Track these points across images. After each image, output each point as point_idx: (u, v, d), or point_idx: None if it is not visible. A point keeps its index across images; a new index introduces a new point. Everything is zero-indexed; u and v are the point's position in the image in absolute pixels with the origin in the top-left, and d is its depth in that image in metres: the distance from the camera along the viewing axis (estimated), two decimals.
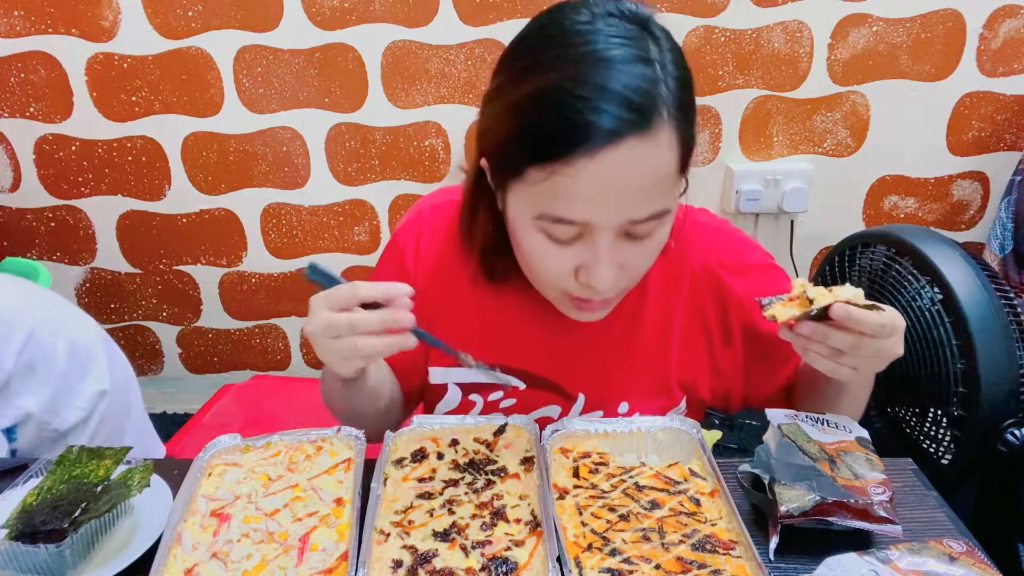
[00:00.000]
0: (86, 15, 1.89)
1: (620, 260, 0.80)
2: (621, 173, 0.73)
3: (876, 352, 0.79)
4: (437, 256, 1.00)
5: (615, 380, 0.99)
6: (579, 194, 0.75)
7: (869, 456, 0.85)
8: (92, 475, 0.83)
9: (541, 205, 0.77)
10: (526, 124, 0.76)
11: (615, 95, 0.71)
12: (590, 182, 0.73)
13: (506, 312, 0.99)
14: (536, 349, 0.99)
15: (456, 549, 0.75)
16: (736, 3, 1.83)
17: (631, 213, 0.77)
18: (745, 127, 1.95)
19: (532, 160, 0.75)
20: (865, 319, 0.76)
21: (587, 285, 0.81)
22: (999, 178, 1.94)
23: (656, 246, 0.83)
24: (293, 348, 2.29)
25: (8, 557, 0.74)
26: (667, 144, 0.75)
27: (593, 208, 0.76)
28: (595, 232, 0.78)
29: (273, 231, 2.12)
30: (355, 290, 0.79)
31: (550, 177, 0.75)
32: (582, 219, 0.77)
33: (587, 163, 0.73)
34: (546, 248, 0.81)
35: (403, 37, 1.88)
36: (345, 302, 0.79)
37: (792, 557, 0.77)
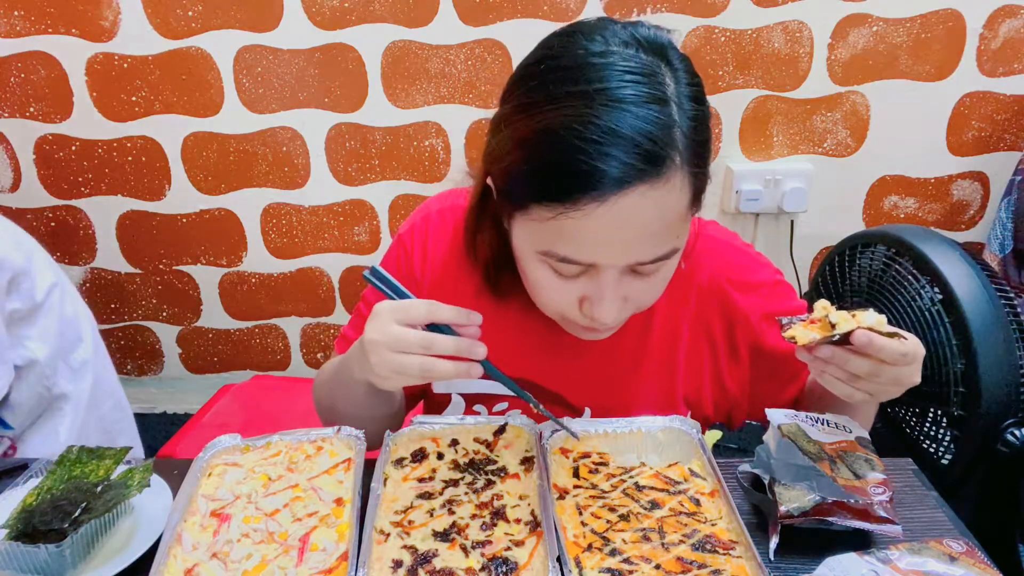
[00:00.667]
0: (86, 15, 1.89)
1: (625, 293, 0.80)
2: (629, 219, 0.72)
3: (895, 380, 0.78)
4: (443, 264, 0.99)
5: (621, 394, 0.99)
6: (586, 237, 0.74)
7: (869, 456, 0.85)
8: (92, 475, 0.83)
9: (546, 242, 0.76)
10: (533, 162, 0.74)
11: (626, 140, 0.69)
12: (597, 227, 0.72)
13: (512, 325, 0.98)
14: (542, 363, 0.98)
15: (456, 549, 0.75)
16: (736, 3, 1.82)
17: (638, 256, 0.76)
18: (745, 127, 1.95)
19: (538, 198, 0.74)
20: (887, 347, 0.74)
21: (590, 317, 0.81)
22: (999, 178, 1.94)
23: (663, 280, 0.82)
24: (293, 348, 2.29)
25: (8, 557, 0.74)
26: (678, 188, 0.73)
27: (599, 251, 0.75)
28: (600, 270, 0.77)
29: (273, 231, 2.12)
30: (432, 309, 0.78)
31: (556, 217, 0.73)
32: (588, 260, 0.76)
33: (595, 208, 0.71)
34: (550, 280, 0.80)
35: (403, 37, 1.88)
36: (419, 319, 0.78)
37: (792, 557, 0.77)
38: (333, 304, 2.21)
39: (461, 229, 0.97)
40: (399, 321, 0.78)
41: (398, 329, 0.77)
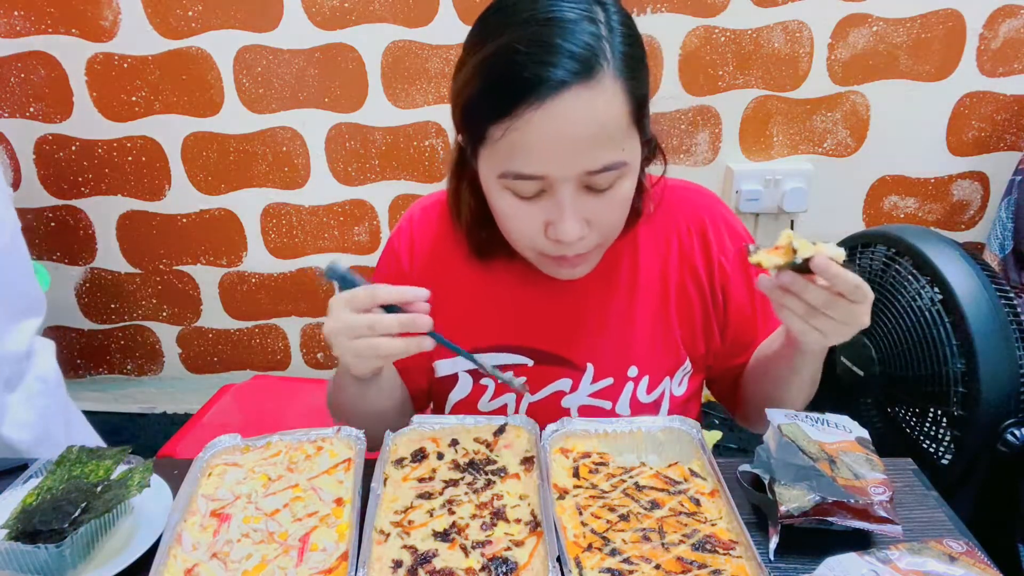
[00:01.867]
0: (86, 15, 1.89)
1: (584, 213, 0.84)
2: (568, 122, 0.77)
3: (847, 315, 0.81)
4: (431, 249, 1.04)
5: (621, 346, 1.01)
6: (532, 147, 0.79)
7: (869, 456, 0.85)
8: (92, 475, 0.83)
9: (502, 163, 0.82)
10: (481, 85, 0.81)
11: (559, 49, 0.76)
12: (540, 133, 0.78)
13: (505, 293, 1.01)
14: (539, 325, 1.01)
15: (456, 549, 0.75)
16: (736, 3, 1.82)
17: (584, 164, 0.80)
18: (745, 127, 1.95)
19: (489, 119, 0.80)
20: (842, 275, 0.78)
21: (555, 240, 0.85)
22: (999, 178, 1.94)
23: (621, 200, 0.86)
24: (293, 348, 2.29)
25: (8, 557, 0.74)
26: (612, 93, 0.79)
27: (547, 160, 0.79)
28: (555, 186, 0.81)
29: (273, 231, 2.12)
30: (374, 292, 0.82)
31: (506, 134, 0.79)
32: (538, 172, 0.80)
33: (535, 114, 0.77)
34: (514, 207, 0.85)
35: (403, 37, 1.88)
36: (365, 304, 0.82)
37: (792, 557, 0.77)
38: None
39: (445, 216, 1.03)
40: (350, 309, 0.82)
41: (347, 316, 0.82)
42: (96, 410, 2.33)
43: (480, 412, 1.03)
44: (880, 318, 1.48)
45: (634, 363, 1.01)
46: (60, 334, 2.28)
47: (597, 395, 1.01)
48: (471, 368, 1.02)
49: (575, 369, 1.01)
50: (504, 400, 1.03)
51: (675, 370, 1.02)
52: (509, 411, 1.02)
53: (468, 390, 1.03)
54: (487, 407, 1.03)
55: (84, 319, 2.27)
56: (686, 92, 1.91)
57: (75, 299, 2.24)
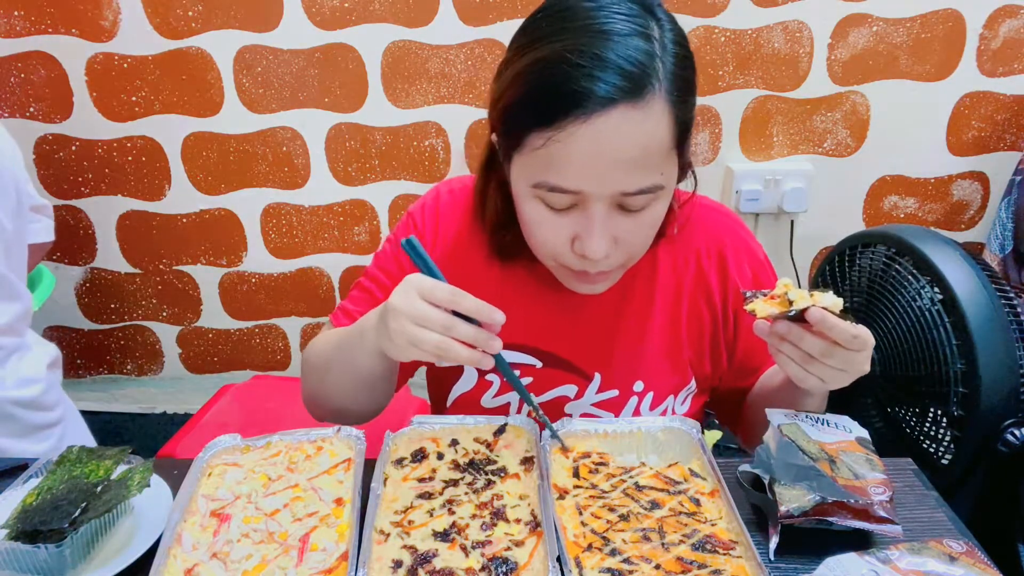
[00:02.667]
0: (86, 15, 1.89)
1: (614, 232, 0.83)
2: (612, 141, 0.76)
3: (845, 363, 0.80)
4: (455, 238, 1.03)
5: (630, 359, 1.01)
6: (572, 161, 0.77)
7: (869, 456, 0.85)
8: (92, 475, 0.83)
9: (538, 173, 0.80)
10: (526, 91, 0.79)
11: (610, 64, 0.75)
12: (582, 149, 0.76)
13: (522, 293, 1.01)
14: (552, 329, 1.01)
15: (456, 549, 0.75)
16: (736, 3, 1.82)
17: (622, 185, 0.79)
18: (745, 127, 1.95)
19: (531, 126, 0.78)
20: (838, 326, 0.77)
21: (581, 255, 0.84)
22: (999, 178, 1.94)
23: (652, 222, 0.85)
24: (293, 348, 2.29)
25: (8, 557, 0.74)
26: (659, 116, 0.77)
27: (585, 176, 0.78)
28: (589, 202, 0.80)
29: (273, 231, 2.12)
30: (455, 297, 0.79)
31: (546, 144, 0.78)
32: (575, 187, 0.79)
33: (579, 128, 0.75)
34: (543, 217, 0.84)
35: (403, 37, 1.88)
36: (442, 302, 0.79)
37: (792, 557, 0.77)
38: (333, 304, 2.21)
39: (471, 208, 1.02)
40: (425, 298, 0.80)
41: (422, 304, 0.79)
42: (96, 410, 2.33)
43: (482, 408, 1.03)
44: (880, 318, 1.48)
45: (641, 378, 1.00)
46: (60, 334, 2.28)
47: (600, 405, 1.02)
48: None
49: (582, 377, 1.01)
50: (507, 399, 1.03)
51: (680, 389, 1.02)
52: (512, 410, 1.03)
53: (472, 384, 1.03)
54: (490, 403, 1.03)
55: (84, 319, 2.27)
56: None
57: (75, 299, 2.24)
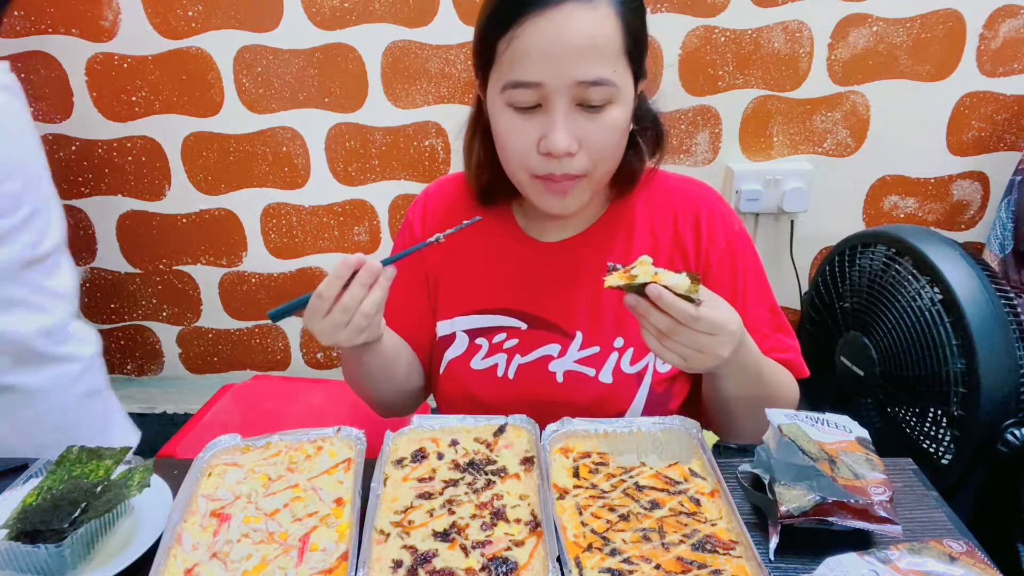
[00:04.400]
0: (86, 15, 1.89)
1: (576, 131, 0.90)
2: (565, 29, 0.86)
3: (694, 343, 0.83)
4: (441, 218, 1.13)
5: (610, 317, 1.05)
6: (531, 53, 0.87)
7: (869, 456, 0.85)
8: (92, 475, 0.83)
9: (505, 75, 0.90)
10: (492, 6, 0.91)
11: None
12: (538, 39, 0.86)
13: (506, 259, 1.09)
14: (535, 292, 1.07)
15: (456, 549, 0.75)
16: (736, 3, 1.82)
17: (575, 73, 0.87)
18: (745, 127, 1.95)
19: (498, 33, 0.89)
20: (674, 304, 0.81)
21: (547, 153, 0.91)
22: (999, 178, 1.94)
23: (611, 126, 0.92)
24: (293, 348, 2.29)
25: (8, 557, 0.74)
26: (607, 16, 0.87)
27: (544, 66, 0.87)
28: (550, 98, 0.89)
29: (273, 231, 2.12)
30: (319, 297, 0.87)
31: (509, 46, 0.88)
32: (535, 79, 0.88)
33: (535, 21, 0.86)
34: (512, 122, 0.92)
35: (403, 37, 1.88)
36: (323, 309, 0.87)
37: (792, 557, 0.77)
38: None
39: (456, 189, 1.14)
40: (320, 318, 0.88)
41: (323, 323, 0.88)
42: None
43: (472, 370, 1.08)
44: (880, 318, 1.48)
45: (621, 334, 1.05)
46: None
47: (582, 362, 1.05)
48: (468, 328, 1.09)
49: (565, 336, 1.06)
50: (495, 360, 1.08)
51: None
52: (499, 371, 1.07)
53: (463, 348, 1.09)
54: (479, 365, 1.08)
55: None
56: (686, 92, 1.91)
57: None
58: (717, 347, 0.84)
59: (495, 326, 1.09)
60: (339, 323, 0.87)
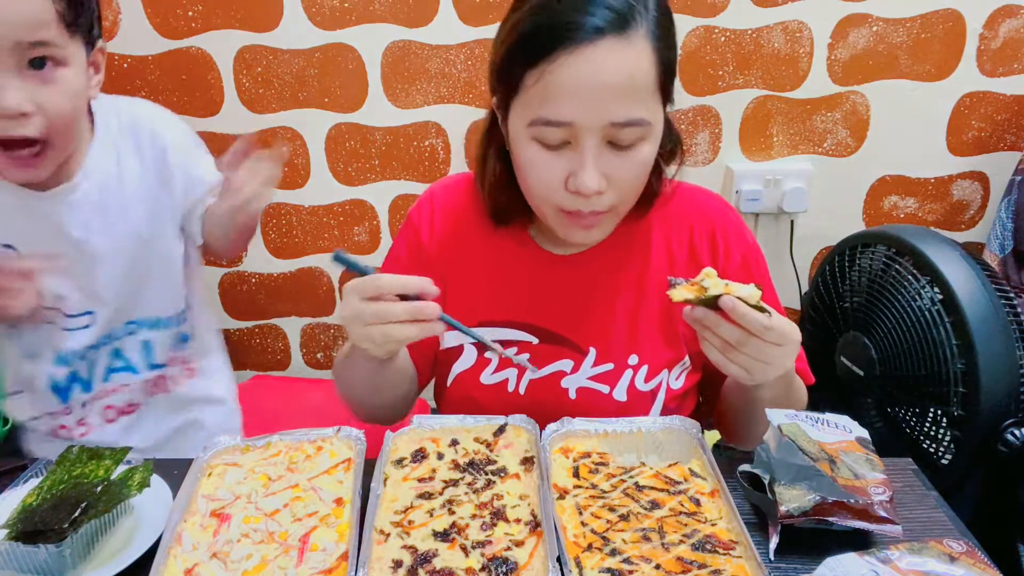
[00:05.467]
0: None
1: (606, 169, 0.87)
2: (600, 69, 0.82)
3: (762, 354, 0.82)
4: (451, 226, 1.08)
5: (624, 333, 1.03)
6: (564, 91, 0.83)
7: (869, 456, 0.85)
8: (92, 475, 0.83)
9: (534, 110, 0.85)
10: (520, 34, 0.86)
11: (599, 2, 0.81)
12: (573, 78, 0.82)
13: (518, 271, 1.05)
14: (548, 306, 1.04)
15: (456, 549, 0.75)
16: (736, 3, 1.82)
17: (611, 114, 0.83)
18: (745, 127, 1.95)
19: (526, 66, 0.84)
20: (748, 315, 0.79)
21: (575, 191, 0.88)
22: (999, 178, 1.94)
23: (641, 162, 0.89)
24: (293, 348, 2.29)
25: (8, 557, 0.74)
26: (643, 52, 0.83)
27: (576, 106, 0.83)
28: (580, 137, 0.85)
29: (273, 231, 2.12)
30: (377, 282, 0.85)
31: (540, 80, 0.83)
32: (567, 118, 0.84)
33: (568, 59, 0.81)
34: (539, 157, 0.88)
35: (403, 37, 1.88)
36: (371, 292, 0.85)
37: (792, 557, 0.77)
38: (333, 304, 2.21)
39: (465, 196, 1.08)
40: (361, 296, 0.85)
41: (359, 305, 0.85)
42: None
43: (482, 384, 1.05)
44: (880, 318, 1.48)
45: (635, 352, 1.02)
46: None
47: (596, 379, 1.03)
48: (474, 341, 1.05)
49: (578, 351, 1.03)
50: (506, 375, 1.05)
51: (674, 364, 1.04)
52: (510, 386, 1.05)
53: (472, 362, 1.06)
54: (489, 380, 1.05)
55: None
56: (686, 92, 1.90)
57: None
58: (783, 357, 0.83)
59: (505, 340, 1.04)
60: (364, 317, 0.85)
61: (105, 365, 1.19)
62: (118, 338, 1.19)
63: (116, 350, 1.19)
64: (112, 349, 1.19)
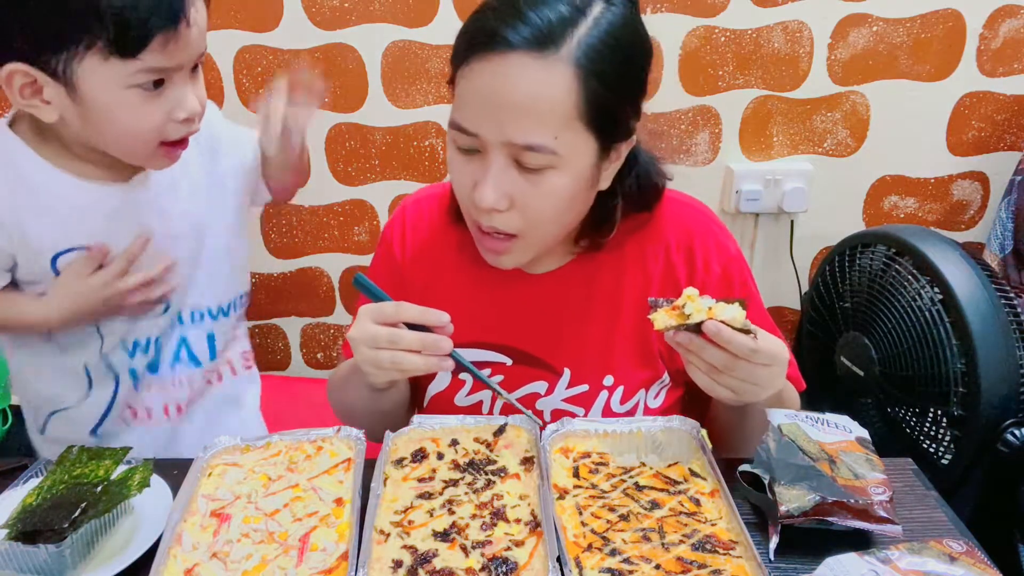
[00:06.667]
0: None
1: (509, 189, 0.84)
2: (505, 83, 0.80)
3: (750, 377, 0.81)
4: (422, 242, 1.07)
5: (599, 353, 1.01)
6: (471, 98, 0.83)
7: (869, 456, 0.85)
8: (92, 475, 0.83)
9: (453, 112, 0.86)
10: (459, 34, 0.87)
11: (522, 15, 0.79)
12: (480, 86, 0.82)
13: (492, 291, 1.03)
14: (521, 327, 1.02)
15: (456, 549, 0.75)
16: (736, 3, 1.82)
17: (510, 133, 0.81)
18: (745, 127, 1.95)
19: (456, 65, 0.85)
20: (734, 339, 0.78)
21: (476, 203, 0.86)
22: (999, 178, 1.94)
23: (549, 192, 0.85)
24: (293, 348, 2.29)
25: (8, 557, 0.74)
26: (559, 77, 0.79)
27: (480, 116, 0.82)
28: (487, 150, 0.84)
29: (273, 231, 2.12)
30: (399, 310, 0.86)
31: (459, 82, 0.85)
32: (471, 128, 0.83)
33: (480, 65, 0.81)
34: (455, 160, 0.88)
35: (403, 37, 1.88)
36: (390, 318, 0.86)
37: (792, 557, 0.77)
38: (333, 304, 2.21)
39: (436, 212, 1.07)
40: (375, 320, 0.86)
41: (372, 327, 0.85)
42: None
43: (456, 406, 1.04)
44: (880, 318, 1.48)
45: (610, 372, 1.01)
46: None
47: (571, 400, 1.02)
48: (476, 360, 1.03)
49: (552, 372, 1.02)
50: (480, 397, 1.04)
51: (652, 383, 1.02)
52: (484, 408, 1.04)
53: (446, 384, 1.05)
54: (463, 402, 1.05)
55: None
56: (686, 92, 1.90)
57: None
58: (773, 378, 0.82)
59: (479, 360, 1.02)
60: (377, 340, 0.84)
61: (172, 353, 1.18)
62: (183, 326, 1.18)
63: (183, 338, 1.18)
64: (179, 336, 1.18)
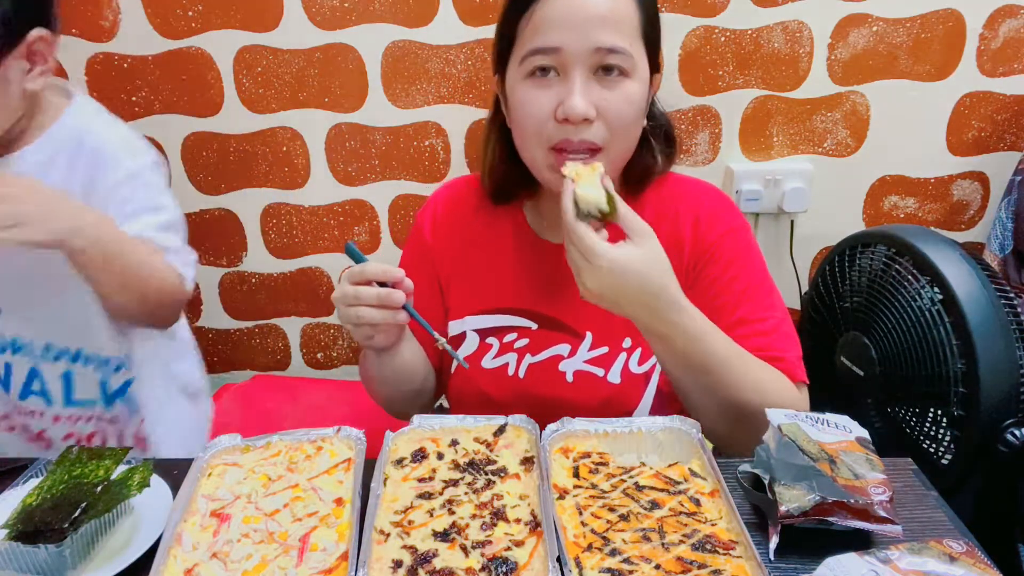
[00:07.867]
0: (86, 15, 1.89)
1: (593, 98, 0.93)
2: (584, 1, 0.91)
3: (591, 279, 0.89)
4: (452, 219, 1.17)
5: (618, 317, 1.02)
6: (552, 21, 0.92)
7: (869, 456, 0.85)
8: (92, 475, 0.83)
9: (525, 47, 0.94)
10: None
11: None
12: (560, 8, 0.92)
13: (516, 259, 1.11)
14: (545, 292, 1.10)
15: (456, 549, 0.75)
16: (736, 3, 1.82)
17: (596, 39, 0.91)
18: (745, 127, 1.95)
19: (519, 13, 0.95)
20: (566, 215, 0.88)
21: (564, 119, 0.93)
22: (999, 178, 1.94)
23: (627, 97, 0.95)
24: (293, 348, 2.29)
25: (8, 557, 0.74)
26: None
27: (563, 32, 0.91)
28: (568, 66, 0.93)
29: (273, 231, 2.12)
30: (364, 269, 0.95)
31: (531, 21, 0.94)
32: (555, 43, 0.92)
33: None
34: (530, 93, 0.95)
35: (403, 37, 1.88)
36: (358, 278, 0.95)
37: (792, 557, 0.77)
38: (333, 304, 2.21)
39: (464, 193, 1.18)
40: (349, 281, 0.95)
41: (344, 286, 0.96)
42: None
43: (484, 369, 1.11)
44: (880, 318, 1.48)
45: (629, 335, 1.06)
46: None
47: (592, 362, 1.07)
48: (479, 328, 1.13)
49: (575, 336, 1.08)
50: (506, 359, 1.10)
51: None
52: (510, 370, 1.10)
53: (474, 348, 1.12)
54: (490, 364, 1.11)
55: None
56: (686, 92, 1.91)
57: None
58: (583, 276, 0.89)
59: (506, 326, 1.11)
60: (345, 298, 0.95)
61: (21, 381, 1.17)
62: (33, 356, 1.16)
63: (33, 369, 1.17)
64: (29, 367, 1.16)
